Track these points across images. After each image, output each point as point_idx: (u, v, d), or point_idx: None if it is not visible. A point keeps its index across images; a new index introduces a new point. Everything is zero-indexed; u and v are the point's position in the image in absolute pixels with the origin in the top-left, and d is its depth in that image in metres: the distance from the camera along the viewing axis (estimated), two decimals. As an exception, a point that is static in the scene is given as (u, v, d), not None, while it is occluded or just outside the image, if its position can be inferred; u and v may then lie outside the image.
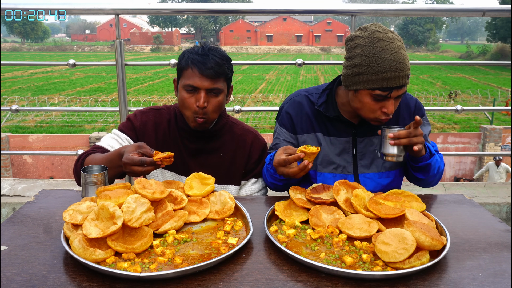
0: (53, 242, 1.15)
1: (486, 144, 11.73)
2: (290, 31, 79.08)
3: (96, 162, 1.51)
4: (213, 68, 1.51)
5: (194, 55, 1.54)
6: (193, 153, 1.68)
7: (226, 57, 1.58)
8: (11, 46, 64.21)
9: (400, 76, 1.39)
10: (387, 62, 1.38)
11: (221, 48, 1.62)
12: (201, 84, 1.52)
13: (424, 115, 1.69)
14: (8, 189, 2.77)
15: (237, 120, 1.80)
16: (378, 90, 1.42)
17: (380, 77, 1.40)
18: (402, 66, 1.39)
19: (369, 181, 1.63)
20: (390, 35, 1.43)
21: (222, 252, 1.07)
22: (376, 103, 1.46)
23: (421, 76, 29.14)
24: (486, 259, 1.09)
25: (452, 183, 3.23)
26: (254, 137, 1.75)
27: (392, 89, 1.41)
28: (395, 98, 1.45)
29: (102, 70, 31.10)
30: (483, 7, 2.46)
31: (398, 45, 1.42)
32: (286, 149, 1.43)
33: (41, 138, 11.81)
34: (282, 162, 1.39)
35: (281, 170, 1.41)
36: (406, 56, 1.42)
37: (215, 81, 1.53)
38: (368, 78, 1.42)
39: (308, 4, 2.44)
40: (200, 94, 1.53)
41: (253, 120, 15.45)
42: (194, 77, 1.53)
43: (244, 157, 1.71)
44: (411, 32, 65.28)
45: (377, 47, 1.40)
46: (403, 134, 1.39)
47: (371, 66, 1.40)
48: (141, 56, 51.32)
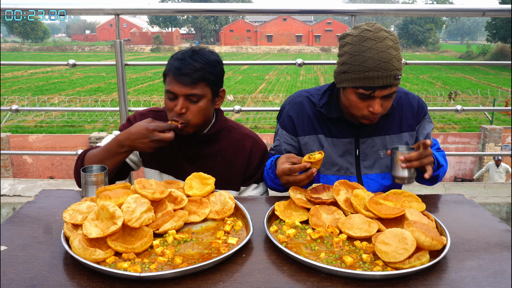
0: (53, 242, 1.15)
1: (486, 144, 11.73)
2: (290, 31, 79.07)
3: (95, 155, 1.52)
4: (189, 74, 1.48)
5: (174, 60, 1.53)
6: (190, 158, 1.66)
7: (209, 62, 1.52)
8: (11, 46, 64.22)
9: (383, 76, 1.38)
10: (370, 61, 1.38)
11: (211, 51, 1.58)
12: (178, 91, 1.49)
13: (427, 113, 1.68)
14: (8, 189, 2.77)
15: (236, 124, 1.76)
16: (361, 89, 1.42)
17: (363, 76, 1.39)
18: (386, 66, 1.37)
19: (372, 182, 1.63)
20: (381, 35, 1.40)
21: (222, 252, 1.07)
22: (362, 102, 1.45)
23: (421, 76, 29.13)
24: (486, 259, 1.08)
25: (452, 183, 3.23)
26: (254, 142, 1.71)
27: (375, 89, 1.40)
28: (383, 98, 1.44)
29: (102, 70, 31.09)
30: (483, 7, 2.46)
31: (388, 45, 1.39)
32: (289, 157, 1.42)
33: (41, 138, 11.81)
34: (286, 171, 1.37)
35: (286, 178, 1.39)
36: (395, 56, 1.39)
37: (192, 87, 1.49)
38: (352, 76, 1.42)
39: (308, 4, 2.44)
40: (178, 101, 1.51)
41: (253, 120, 15.45)
42: (171, 83, 1.51)
43: (243, 162, 1.68)
44: (411, 32, 65.28)
45: (363, 45, 1.40)
46: (414, 156, 1.37)
47: (355, 65, 1.41)
48: (141, 56, 51.32)
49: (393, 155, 1.42)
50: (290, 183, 1.40)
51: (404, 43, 68.18)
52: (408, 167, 1.38)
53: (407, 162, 1.37)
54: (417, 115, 1.65)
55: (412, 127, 1.65)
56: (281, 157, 1.46)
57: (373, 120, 1.50)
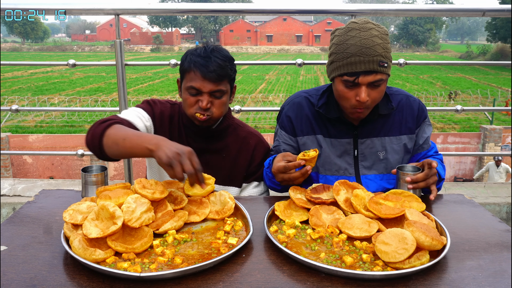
0: (53, 242, 1.15)
1: (486, 144, 11.72)
2: (290, 31, 79.08)
3: (116, 141, 1.35)
4: (215, 71, 1.51)
5: (197, 57, 1.54)
6: (196, 152, 1.66)
7: (229, 58, 1.58)
8: (11, 46, 64.22)
9: (365, 60, 1.40)
10: (352, 48, 1.41)
11: (223, 48, 1.62)
12: (203, 87, 1.53)
13: (426, 117, 1.69)
14: (8, 189, 2.77)
15: (242, 122, 1.80)
16: (346, 75, 1.44)
17: (346, 62, 1.42)
18: (368, 51, 1.39)
19: (371, 183, 1.63)
20: (367, 26, 1.43)
21: (222, 252, 1.07)
22: (349, 91, 1.47)
23: (421, 76, 29.13)
24: (486, 259, 1.08)
25: (452, 183, 3.23)
26: (258, 140, 1.76)
27: (359, 74, 1.42)
28: (369, 87, 1.45)
29: (102, 70, 31.09)
30: (483, 7, 2.46)
31: (372, 34, 1.42)
32: (285, 155, 1.43)
33: (41, 138, 11.80)
34: (282, 169, 1.39)
35: (281, 176, 1.41)
36: (379, 44, 1.41)
37: (218, 84, 1.54)
38: (337, 65, 1.46)
39: (308, 4, 2.44)
40: (204, 97, 1.54)
41: (253, 120, 15.45)
42: (196, 80, 1.53)
43: (246, 159, 1.72)
44: (411, 32, 65.26)
45: (348, 35, 1.44)
46: (421, 177, 1.41)
47: (339, 53, 1.44)
48: (141, 56, 51.31)
49: (398, 175, 1.45)
50: (285, 181, 1.42)
51: (404, 43, 68.18)
52: (414, 188, 1.42)
53: (414, 184, 1.41)
54: (417, 118, 1.65)
55: (411, 130, 1.65)
56: (277, 156, 1.47)
57: (362, 112, 1.50)
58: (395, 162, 1.63)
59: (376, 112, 1.58)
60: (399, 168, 1.47)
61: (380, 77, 1.43)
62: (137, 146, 1.30)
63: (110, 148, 1.37)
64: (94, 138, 1.40)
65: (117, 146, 1.35)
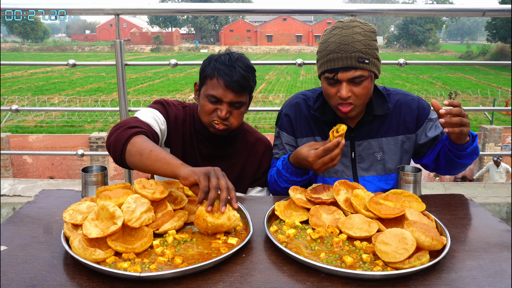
0: (53, 242, 1.15)
1: (486, 144, 11.72)
2: (290, 31, 79.09)
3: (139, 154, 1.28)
4: (238, 81, 1.48)
5: (221, 64, 1.49)
6: (206, 157, 1.67)
7: (252, 68, 1.55)
8: (11, 46, 64.22)
9: (343, 57, 1.41)
10: (332, 45, 1.43)
11: (246, 57, 1.58)
12: (225, 97, 1.49)
13: (428, 115, 1.63)
14: (8, 189, 2.77)
15: (251, 128, 1.78)
16: (326, 72, 1.46)
17: (326, 59, 1.45)
18: (346, 48, 1.40)
19: (369, 184, 1.62)
20: (352, 24, 1.44)
21: (222, 252, 1.07)
22: (331, 88, 1.48)
23: (421, 76, 29.13)
24: (486, 259, 1.08)
25: (452, 183, 3.23)
26: (266, 147, 1.75)
27: (338, 70, 1.43)
28: (351, 83, 1.44)
29: (102, 70, 31.09)
30: (483, 7, 2.46)
31: (354, 31, 1.42)
32: (311, 145, 1.42)
33: (41, 138, 11.80)
34: (321, 153, 1.36)
35: (321, 161, 1.37)
36: (359, 40, 1.40)
37: (239, 95, 1.51)
38: (319, 63, 1.49)
39: (308, 4, 2.44)
40: (223, 106, 1.50)
41: (253, 120, 15.44)
42: (218, 88, 1.49)
43: (254, 166, 1.71)
44: (411, 32, 65.25)
45: (331, 34, 1.46)
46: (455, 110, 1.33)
47: (321, 51, 1.47)
48: (141, 56, 51.32)
49: (398, 175, 1.45)
50: (325, 165, 1.38)
51: (404, 43, 68.16)
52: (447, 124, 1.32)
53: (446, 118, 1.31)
54: (418, 118, 1.62)
55: (410, 129, 1.62)
56: (300, 147, 1.44)
57: (346, 110, 1.47)
58: (393, 162, 1.63)
59: (371, 113, 1.58)
60: (399, 168, 1.47)
61: (360, 73, 1.42)
62: (163, 160, 1.22)
63: (132, 157, 1.31)
64: (117, 142, 1.34)
65: (141, 156, 1.28)
